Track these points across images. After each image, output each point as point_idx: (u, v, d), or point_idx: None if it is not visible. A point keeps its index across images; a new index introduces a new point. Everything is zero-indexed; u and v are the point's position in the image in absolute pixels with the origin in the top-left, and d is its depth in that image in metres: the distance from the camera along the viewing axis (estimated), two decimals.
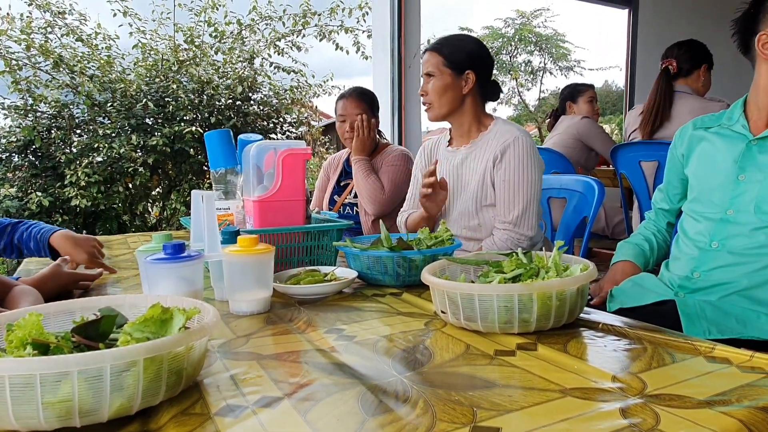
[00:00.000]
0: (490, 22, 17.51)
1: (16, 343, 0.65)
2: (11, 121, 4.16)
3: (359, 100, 2.32)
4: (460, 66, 1.67)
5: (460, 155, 1.74)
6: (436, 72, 1.67)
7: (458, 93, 1.69)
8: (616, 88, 19.14)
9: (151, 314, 0.70)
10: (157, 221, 4.64)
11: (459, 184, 1.74)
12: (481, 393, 0.69)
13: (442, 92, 1.68)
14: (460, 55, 1.68)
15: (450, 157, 1.78)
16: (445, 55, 1.67)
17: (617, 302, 1.30)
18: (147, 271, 1.02)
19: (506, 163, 1.62)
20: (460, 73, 1.68)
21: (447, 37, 1.73)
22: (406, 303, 1.15)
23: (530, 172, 1.61)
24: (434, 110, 1.71)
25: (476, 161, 1.69)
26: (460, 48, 1.69)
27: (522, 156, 1.61)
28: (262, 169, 1.45)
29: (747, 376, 0.72)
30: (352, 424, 0.62)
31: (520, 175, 1.61)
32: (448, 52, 1.67)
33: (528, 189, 1.61)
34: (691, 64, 2.64)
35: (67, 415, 0.60)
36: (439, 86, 1.67)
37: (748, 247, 1.18)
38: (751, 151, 1.23)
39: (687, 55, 2.63)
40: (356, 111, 2.29)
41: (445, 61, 1.67)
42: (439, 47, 1.69)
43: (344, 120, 2.32)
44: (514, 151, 1.61)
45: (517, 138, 1.62)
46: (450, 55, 1.67)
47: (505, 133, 1.65)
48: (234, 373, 0.78)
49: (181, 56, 4.63)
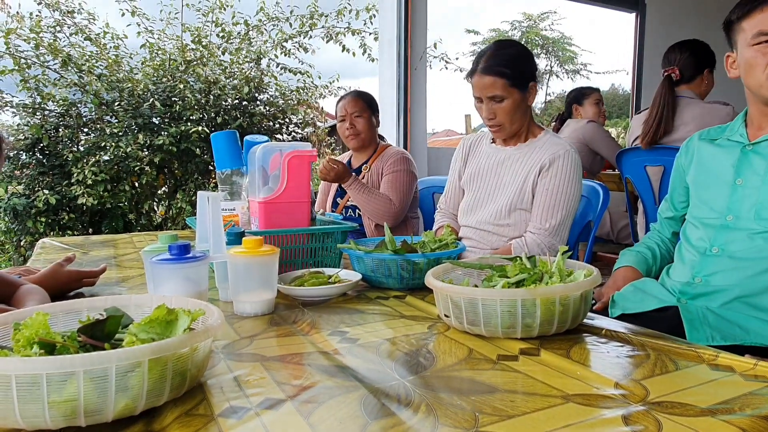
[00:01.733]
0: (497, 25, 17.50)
1: (23, 343, 0.66)
2: (20, 119, 4.18)
3: (357, 98, 2.34)
4: (524, 81, 1.64)
5: (503, 154, 1.74)
6: (504, 95, 1.62)
7: (526, 107, 1.68)
8: (622, 91, 19.09)
9: (157, 315, 0.70)
10: (163, 220, 4.65)
11: (496, 182, 1.74)
12: (484, 398, 0.69)
13: (514, 112, 1.65)
14: (521, 71, 1.64)
15: (492, 154, 1.78)
16: (507, 76, 1.61)
17: (619, 308, 1.30)
18: (152, 271, 1.03)
19: (553, 173, 1.62)
20: (524, 88, 1.65)
21: (495, 54, 1.65)
22: (410, 306, 1.15)
23: (574, 187, 1.63)
24: (506, 131, 1.68)
25: (519, 164, 1.69)
26: (518, 62, 1.64)
27: (569, 170, 1.62)
28: (267, 171, 1.46)
29: (750, 385, 0.72)
30: (355, 428, 0.62)
31: (565, 187, 1.62)
32: (509, 72, 1.62)
33: (568, 202, 1.62)
34: (694, 70, 2.59)
35: (72, 414, 0.60)
36: (510, 108, 1.63)
37: (749, 252, 1.18)
38: (747, 156, 1.25)
39: (690, 60, 2.58)
40: (354, 110, 2.32)
41: (509, 82, 1.62)
42: (497, 68, 1.62)
43: (344, 120, 2.34)
44: (564, 163, 1.62)
45: (567, 152, 1.63)
46: (512, 73, 1.62)
47: (555, 145, 1.66)
48: (237, 375, 0.78)
49: (189, 56, 4.65)
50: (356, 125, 2.32)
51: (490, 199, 1.74)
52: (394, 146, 2.45)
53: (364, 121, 2.33)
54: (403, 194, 2.24)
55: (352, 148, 2.44)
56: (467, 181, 1.83)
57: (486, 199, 1.75)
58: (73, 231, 4.13)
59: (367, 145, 2.38)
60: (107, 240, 2.19)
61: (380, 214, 2.19)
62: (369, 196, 2.19)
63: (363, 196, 2.19)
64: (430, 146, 3.91)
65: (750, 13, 1.18)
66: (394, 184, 2.24)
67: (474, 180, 1.80)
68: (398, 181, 2.25)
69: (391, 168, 2.27)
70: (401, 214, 2.23)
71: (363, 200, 2.20)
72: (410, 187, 2.28)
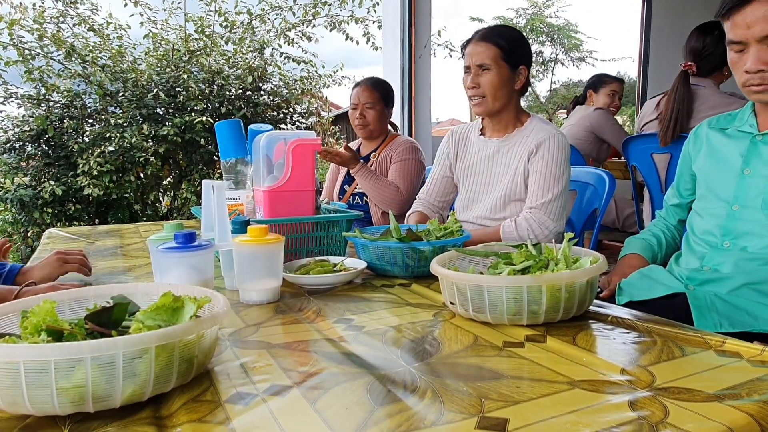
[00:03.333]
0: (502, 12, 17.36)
1: (31, 330, 0.66)
2: (24, 110, 4.19)
3: (373, 89, 2.33)
4: (516, 60, 1.63)
5: (492, 146, 1.73)
6: (492, 65, 1.60)
7: (512, 89, 1.65)
8: (628, 79, 18.91)
9: (163, 302, 0.71)
10: (168, 210, 4.67)
11: (490, 176, 1.73)
12: (489, 384, 0.69)
13: (499, 87, 1.62)
14: (516, 48, 1.62)
15: (482, 147, 1.76)
16: (502, 48, 1.60)
17: (626, 295, 1.29)
18: (158, 259, 1.04)
19: (540, 156, 1.62)
20: (515, 68, 1.63)
21: (494, 28, 1.65)
22: (415, 294, 1.15)
23: (563, 167, 1.63)
24: (487, 105, 1.65)
25: (510, 155, 1.69)
26: (515, 40, 1.63)
27: (557, 151, 1.62)
28: (272, 160, 1.46)
29: (758, 371, 0.72)
30: (361, 413, 0.62)
31: (554, 168, 1.61)
32: (505, 45, 1.60)
33: (559, 181, 1.62)
34: (713, 64, 2.40)
35: (80, 400, 0.61)
36: (496, 80, 1.61)
37: (760, 246, 1.17)
38: (756, 146, 1.24)
39: (708, 53, 2.38)
40: (368, 101, 2.31)
41: (503, 54, 1.60)
42: (495, 38, 1.60)
43: (356, 108, 2.33)
44: (550, 145, 1.62)
45: (553, 135, 1.63)
46: (507, 47, 1.60)
47: (541, 131, 1.66)
48: (244, 362, 0.78)
49: (192, 46, 4.64)
50: (366, 116, 2.33)
51: (485, 193, 1.74)
52: (402, 136, 2.45)
53: (375, 113, 2.33)
54: (411, 183, 2.24)
55: (361, 137, 2.44)
56: (461, 178, 1.83)
57: (480, 193, 1.76)
58: (79, 222, 4.15)
59: (375, 136, 2.40)
60: (113, 230, 2.20)
61: (387, 201, 2.20)
62: (376, 183, 2.20)
63: (370, 182, 2.20)
64: (434, 135, 3.89)
65: (724, 17, 1.19)
66: (401, 172, 2.25)
67: (467, 176, 1.80)
68: (406, 169, 2.25)
69: (400, 156, 2.28)
70: (408, 202, 2.24)
71: (370, 186, 2.21)
72: (418, 176, 2.28)
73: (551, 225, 1.60)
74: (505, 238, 1.59)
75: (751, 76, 1.15)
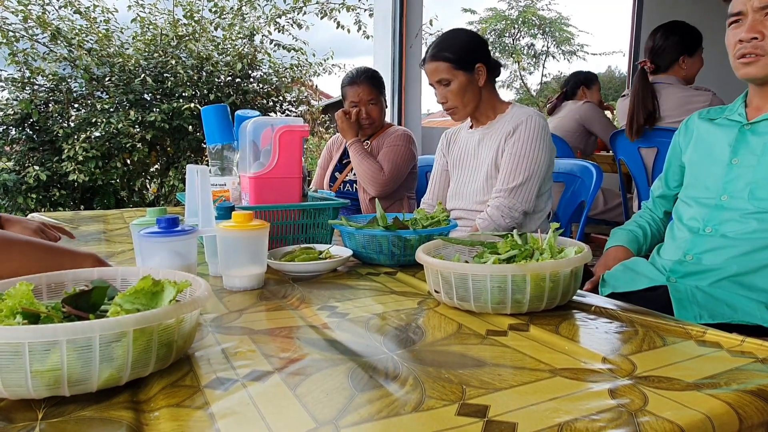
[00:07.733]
0: (494, 4, 17.30)
1: (6, 312, 0.65)
2: (8, 93, 4.12)
3: (372, 85, 2.33)
4: (468, 63, 1.70)
5: (477, 135, 1.80)
6: (449, 77, 1.70)
7: (476, 87, 1.73)
8: (619, 74, 19.00)
9: (142, 286, 0.70)
10: (155, 198, 4.62)
11: (476, 163, 1.80)
12: (471, 371, 0.69)
13: (463, 93, 1.71)
14: (464, 53, 1.70)
15: (469, 138, 1.85)
16: (451, 60, 1.69)
17: (609, 287, 1.30)
18: (141, 244, 1.02)
19: (516, 138, 1.67)
20: (471, 70, 1.71)
21: (440, 42, 1.74)
22: (400, 282, 1.15)
23: (538, 149, 1.65)
24: (460, 112, 1.75)
25: (491, 140, 1.75)
26: (461, 46, 1.71)
27: (532, 133, 1.65)
28: (258, 146, 1.44)
29: (737, 360, 0.73)
30: (341, 399, 0.62)
31: (527, 150, 1.65)
32: (452, 56, 1.69)
33: (532, 164, 1.65)
34: (668, 59, 2.49)
35: (56, 384, 0.60)
36: (457, 90, 1.70)
37: (741, 232, 1.18)
38: (744, 135, 1.24)
39: (663, 49, 2.47)
40: (370, 97, 2.32)
41: (454, 65, 1.69)
42: (441, 53, 1.70)
43: (356, 106, 2.34)
44: (526, 127, 1.66)
45: (530, 116, 1.67)
46: (455, 57, 1.69)
47: (519, 114, 1.71)
48: (225, 347, 0.78)
49: (180, 31, 4.58)
50: (371, 114, 2.33)
51: (472, 179, 1.80)
52: (397, 126, 2.47)
53: (378, 108, 2.35)
54: (396, 166, 2.23)
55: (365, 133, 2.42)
56: (452, 169, 1.91)
57: (468, 180, 1.82)
58: (64, 208, 4.10)
59: (377, 127, 2.40)
60: (97, 215, 2.17)
61: (368, 178, 2.21)
62: (363, 159, 2.23)
63: (359, 157, 2.23)
64: (425, 126, 3.88)
65: None
66: (388, 156, 2.25)
67: (457, 166, 1.88)
68: (394, 153, 2.26)
69: (392, 142, 2.29)
70: (389, 185, 2.23)
71: (357, 161, 2.23)
72: (405, 162, 2.27)
73: (523, 207, 1.65)
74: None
75: (743, 45, 1.16)
